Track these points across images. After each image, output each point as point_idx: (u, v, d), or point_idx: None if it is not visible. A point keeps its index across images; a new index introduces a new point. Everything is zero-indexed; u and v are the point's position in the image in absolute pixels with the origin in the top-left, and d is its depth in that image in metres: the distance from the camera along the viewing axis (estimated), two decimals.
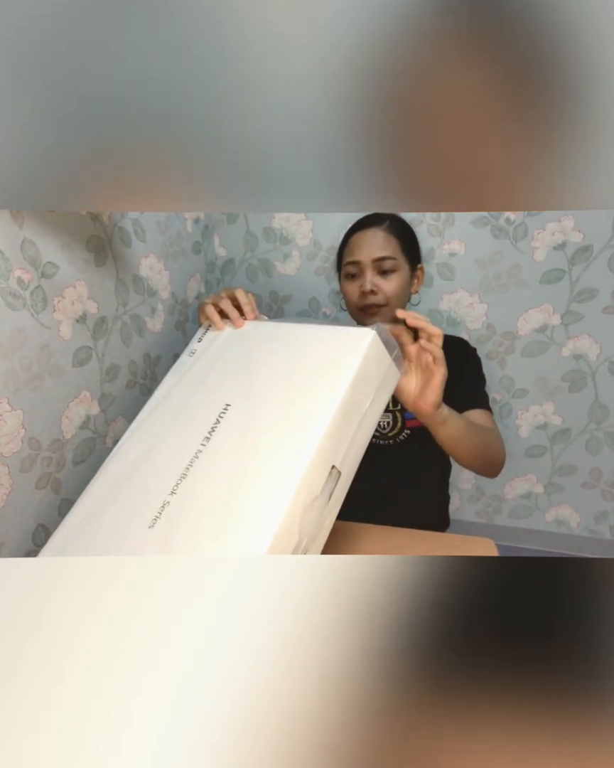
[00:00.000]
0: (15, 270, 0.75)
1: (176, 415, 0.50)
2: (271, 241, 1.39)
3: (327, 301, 1.39)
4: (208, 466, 0.43)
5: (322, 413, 0.43)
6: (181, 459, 0.45)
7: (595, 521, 1.37)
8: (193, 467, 0.44)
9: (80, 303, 0.90)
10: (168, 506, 0.42)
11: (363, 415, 0.48)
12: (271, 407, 0.46)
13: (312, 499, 0.41)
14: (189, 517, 0.41)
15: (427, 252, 1.28)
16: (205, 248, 1.38)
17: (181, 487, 0.43)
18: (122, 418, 1.04)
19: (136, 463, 0.48)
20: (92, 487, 0.49)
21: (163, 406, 0.52)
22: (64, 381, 0.87)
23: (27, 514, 0.81)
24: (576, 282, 1.21)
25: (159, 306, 1.15)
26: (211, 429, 0.46)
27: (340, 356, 0.47)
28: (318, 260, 1.36)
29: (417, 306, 1.31)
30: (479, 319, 1.30)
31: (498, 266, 1.24)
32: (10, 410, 0.76)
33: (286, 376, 0.48)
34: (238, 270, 1.45)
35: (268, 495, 0.40)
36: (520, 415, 1.35)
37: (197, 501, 0.41)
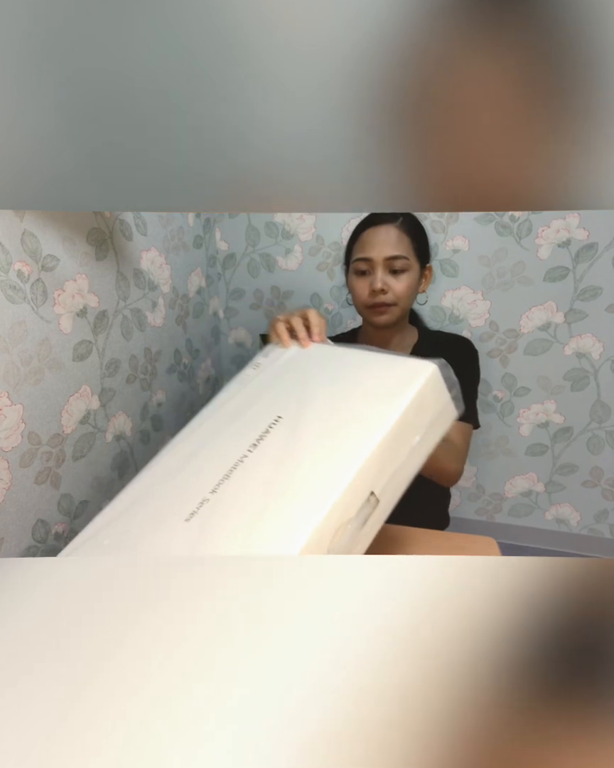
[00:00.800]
0: (15, 263, 0.74)
1: (231, 420, 0.52)
2: (273, 236, 1.38)
3: (329, 297, 1.38)
4: (250, 471, 0.45)
5: (368, 439, 0.44)
6: (227, 461, 0.46)
7: (595, 520, 1.37)
8: (236, 470, 0.45)
9: (81, 296, 0.89)
10: (207, 503, 0.43)
11: (412, 448, 0.47)
12: (319, 425, 0.47)
13: (345, 521, 0.41)
14: (224, 517, 0.42)
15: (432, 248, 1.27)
16: (207, 242, 1.37)
17: (221, 488, 0.44)
18: (122, 413, 1.04)
19: (187, 458, 0.50)
20: (143, 474, 0.52)
21: (221, 410, 0.55)
22: (64, 375, 0.86)
23: (26, 509, 0.80)
24: (580, 280, 1.20)
25: (160, 300, 1.15)
26: (260, 437, 0.47)
27: (396, 385, 0.48)
28: (321, 255, 1.35)
29: (424, 304, 1.31)
30: (482, 316, 1.29)
31: (502, 263, 1.23)
32: (9, 404, 0.75)
33: (340, 398, 0.49)
34: (240, 264, 1.44)
35: (301, 510, 0.40)
36: (522, 414, 1.35)
37: (234, 503, 0.42)
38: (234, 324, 1.51)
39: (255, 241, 1.40)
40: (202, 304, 1.37)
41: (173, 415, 1.25)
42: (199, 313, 1.35)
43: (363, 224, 0.82)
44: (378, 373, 0.51)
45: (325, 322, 0.65)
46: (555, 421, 1.33)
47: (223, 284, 1.48)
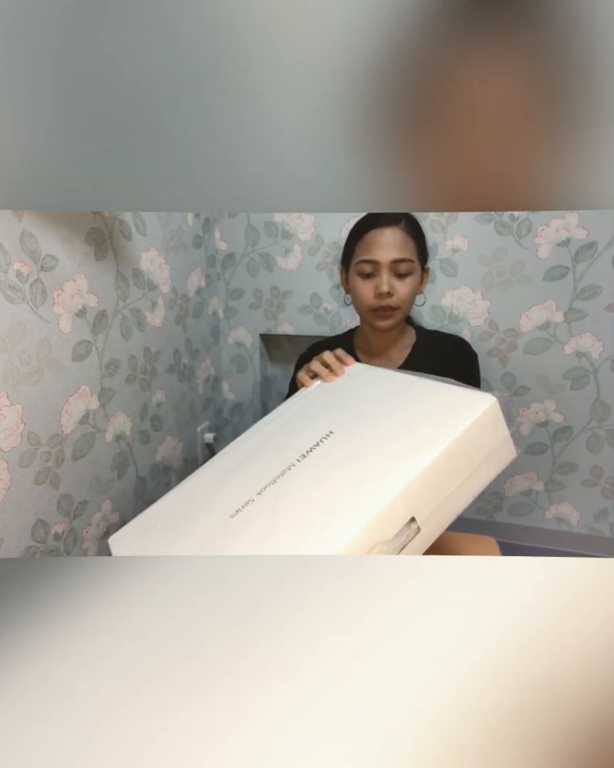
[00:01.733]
0: (14, 263, 0.74)
1: (286, 429, 0.56)
2: (273, 236, 1.37)
3: (329, 296, 1.38)
4: (296, 479, 0.46)
5: (415, 461, 0.43)
6: (277, 467, 0.49)
7: (595, 519, 1.37)
8: (283, 476, 0.47)
9: (80, 297, 0.89)
10: (251, 503, 0.45)
11: (462, 481, 0.46)
12: (369, 443, 0.48)
13: (381, 541, 0.42)
14: (265, 519, 0.44)
15: (430, 248, 1.26)
16: (206, 242, 1.37)
17: (267, 491, 0.46)
18: (122, 412, 1.03)
19: (242, 460, 0.54)
20: (202, 470, 0.56)
21: (279, 419, 0.58)
22: (64, 375, 0.86)
23: (26, 509, 0.80)
24: (580, 279, 1.20)
25: (159, 300, 1.15)
26: (311, 449, 0.49)
27: (452, 414, 0.47)
28: (320, 255, 1.35)
29: (422, 305, 1.31)
30: (481, 315, 1.29)
31: (502, 263, 1.23)
32: (9, 405, 0.75)
33: (395, 420, 0.50)
34: (239, 264, 1.44)
35: (338, 522, 0.41)
36: (521, 413, 1.35)
37: (275, 507, 0.44)
38: (233, 324, 1.51)
39: (254, 241, 1.40)
40: (201, 303, 1.37)
41: (173, 415, 1.25)
42: (198, 313, 1.35)
43: (366, 225, 0.80)
44: (436, 399, 0.51)
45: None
46: (555, 420, 1.33)
47: (222, 284, 1.47)
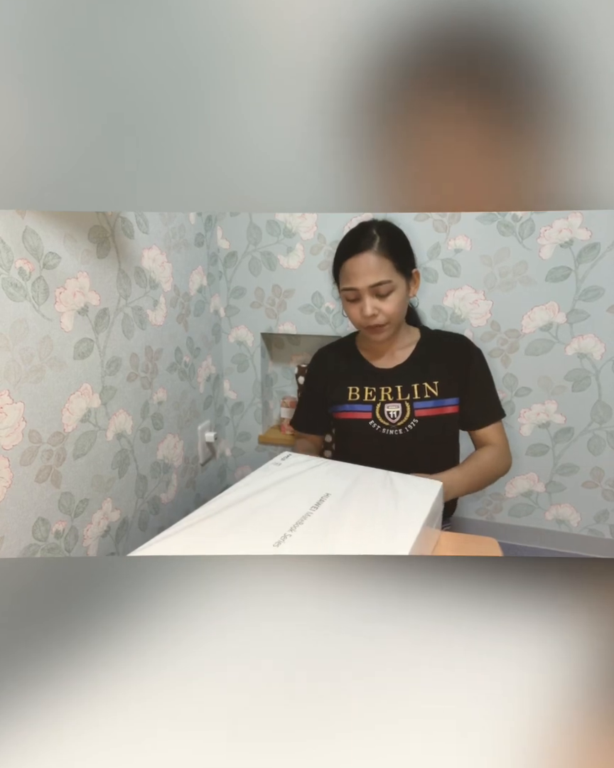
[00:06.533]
0: (16, 260, 0.74)
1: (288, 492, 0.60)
2: (275, 234, 1.37)
3: (331, 295, 1.38)
4: (310, 529, 0.50)
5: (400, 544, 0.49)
6: (298, 513, 0.53)
7: (595, 520, 1.37)
8: (302, 524, 0.51)
9: (82, 294, 0.88)
10: (288, 538, 0.49)
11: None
12: (357, 513, 0.53)
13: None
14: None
15: (432, 247, 1.26)
16: (208, 240, 1.37)
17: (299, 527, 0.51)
18: (123, 411, 1.03)
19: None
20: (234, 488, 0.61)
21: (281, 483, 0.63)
22: (65, 373, 0.86)
23: (27, 508, 0.80)
24: (582, 280, 1.20)
25: (161, 298, 1.14)
26: (319, 503, 0.55)
27: (417, 495, 0.58)
28: (322, 254, 1.34)
29: (419, 305, 1.30)
30: (483, 316, 1.29)
31: (504, 263, 1.23)
32: (10, 402, 0.75)
33: (378, 494, 0.58)
34: (241, 263, 1.44)
35: None
36: (523, 414, 1.34)
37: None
38: (235, 322, 1.51)
39: (256, 240, 1.40)
40: (203, 302, 1.36)
41: (174, 414, 1.25)
42: (200, 312, 1.35)
43: (342, 254, 0.85)
44: (400, 480, 0.62)
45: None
46: (556, 421, 1.32)
47: (224, 282, 1.47)
